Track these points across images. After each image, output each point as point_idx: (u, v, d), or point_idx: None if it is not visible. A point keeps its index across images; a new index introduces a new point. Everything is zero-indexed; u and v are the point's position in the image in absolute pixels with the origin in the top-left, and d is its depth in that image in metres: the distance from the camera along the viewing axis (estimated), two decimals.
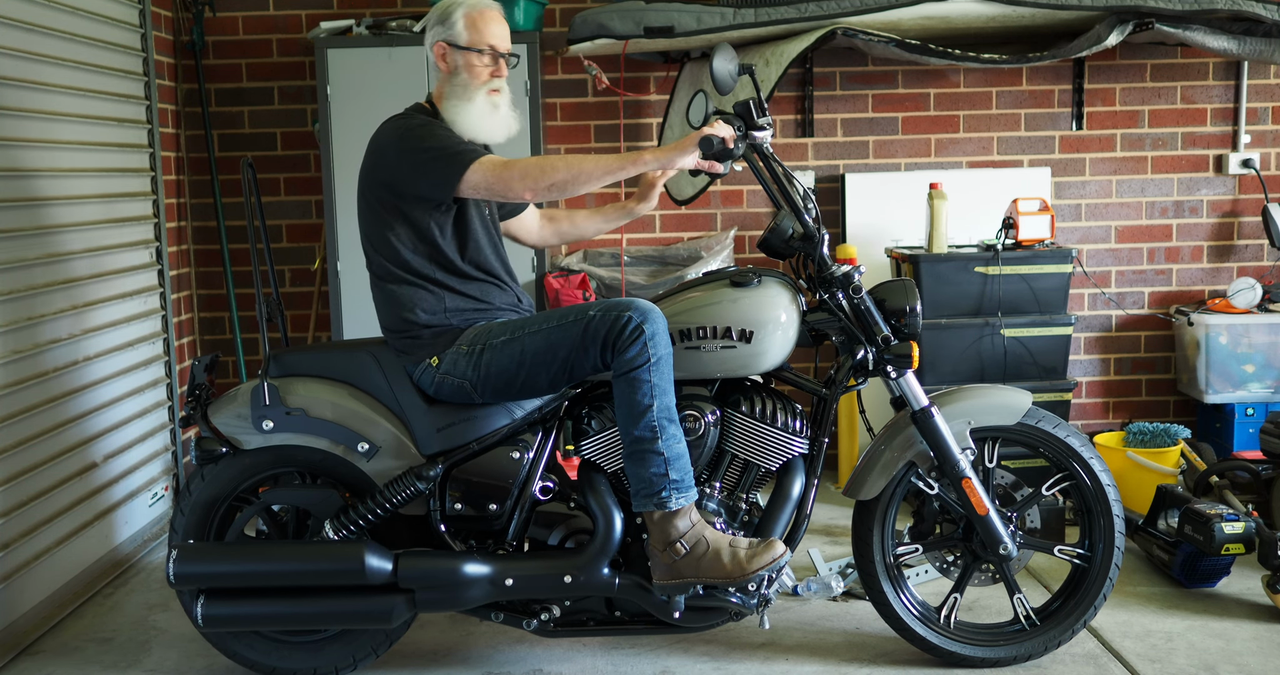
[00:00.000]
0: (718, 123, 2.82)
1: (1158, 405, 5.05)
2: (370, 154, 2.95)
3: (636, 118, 4.89)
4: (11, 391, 3.40)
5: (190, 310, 4.81)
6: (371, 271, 3.02)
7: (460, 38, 2.96)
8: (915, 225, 4.77)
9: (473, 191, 2.84)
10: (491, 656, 3.21)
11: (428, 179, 2.85)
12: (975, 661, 3.07)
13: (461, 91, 2.97)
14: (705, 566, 2.80)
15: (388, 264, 2.97)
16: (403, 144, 2.88)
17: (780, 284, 2.96)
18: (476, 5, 2.99)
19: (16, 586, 3.39)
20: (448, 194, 2.85)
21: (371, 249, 3.00)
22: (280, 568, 2.88)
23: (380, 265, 2.99)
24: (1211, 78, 4.91)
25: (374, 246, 2.99)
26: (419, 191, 2.88)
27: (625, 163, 2.82)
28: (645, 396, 2.75)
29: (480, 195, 2.86)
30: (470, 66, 2.96)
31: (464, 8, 2.98)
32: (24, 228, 3.51)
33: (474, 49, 2.96)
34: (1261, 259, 5.00)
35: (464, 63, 2.97)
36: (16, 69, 3.50)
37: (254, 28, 4.82)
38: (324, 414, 2.95)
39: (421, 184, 2.86)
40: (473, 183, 2.82)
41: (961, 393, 3.06)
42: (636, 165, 2.82)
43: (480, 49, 2.96)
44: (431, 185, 2.85)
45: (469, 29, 2.96)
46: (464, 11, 2.97)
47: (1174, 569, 3.60)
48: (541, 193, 2.80)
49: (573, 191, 2.82)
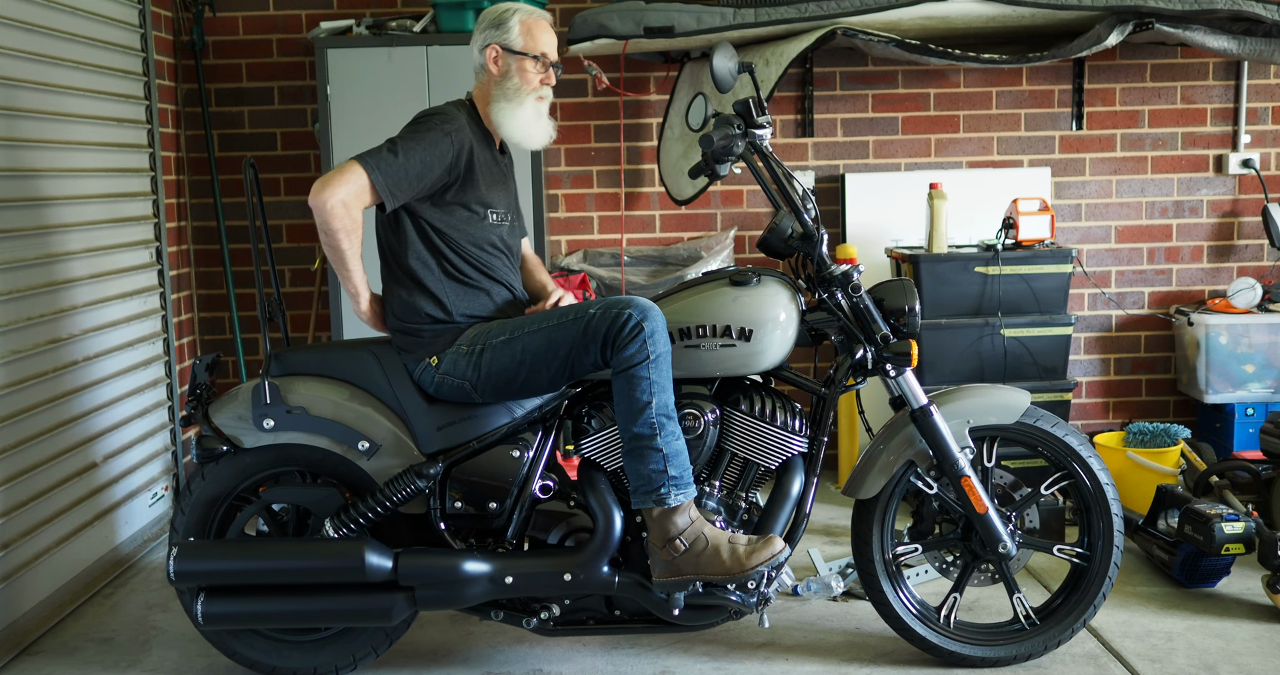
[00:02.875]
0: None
1: (1158, 405, 5.05)
2: None
3: (636, 118, 4.89)
4: (11, 391, 3.40)
5: (190, 310, 4.82)
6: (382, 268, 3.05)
7: (515, 43, 3.00)
8: (915, 225, 4.77)
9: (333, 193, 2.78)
10: (491, 656, 3.22)
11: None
12: (975, 661, 3.07)
13: (513, 94, 3.00)
14: (704, 563, 2.80)
15: (390, 263, 3.00)
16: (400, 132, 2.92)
17: (780, 283, 2.96)
18: (532, 13, 3.05)
19: (16, 586, 3.39)
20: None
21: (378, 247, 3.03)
22: (280, 565, 2.88)
23: (383, 264, 3.02)
24: (1211, 78, 4.91)
25: (379, 244, 3.02)
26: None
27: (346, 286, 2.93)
28: (644, 394, 2.76)
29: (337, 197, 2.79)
30: (523, 71, 3.00)
31: (520, 13, 3.03)
32: (24, 228, 3.51)
33: (529, 55, 3.00)
34: (1261, 259, 5.00)
35: (517, 67, 3.00)
36: (17, 69, 3.50)
37: (254, 28, 4.82)
38: (324, 413, 2.95)
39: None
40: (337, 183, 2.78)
41: (960, 392, 3.06)
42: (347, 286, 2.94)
43: (536, 55, 3.00)
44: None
45: (524, 35, 3.01)
46: (520, 18, 3.02)
47: (1174, 569, 3.60)
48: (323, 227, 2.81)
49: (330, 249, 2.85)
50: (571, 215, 4.93)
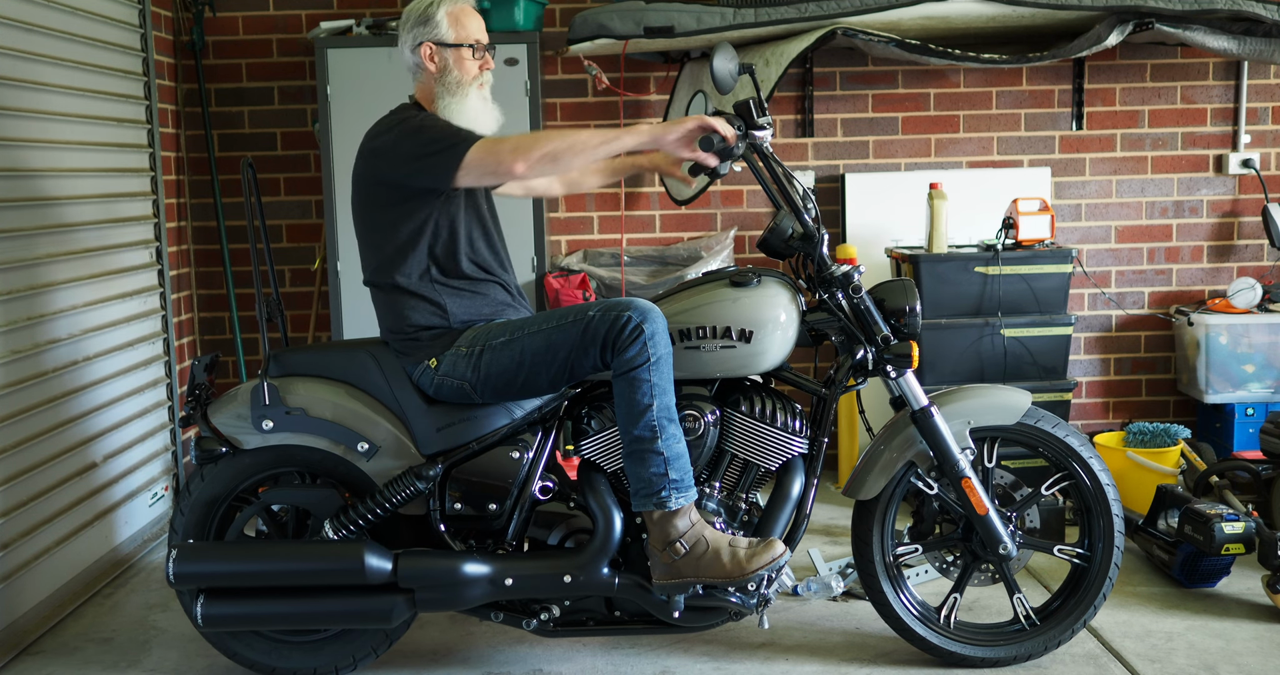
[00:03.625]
0: (719, 120, 2.82)
1: (1158, 405, 5.05)
2: (366, 154, 2.94)
3: (636, 118, 4.89)
4: (11, 391, 3.40)
5: (190, 310, 4.82)
6: (368, 275, 3.02)
7: (448, 36, 2.97)
8: (915, 225, 4.77)
9: (469, 172, 2.81)
10: (491, 656, 3.22)
11: (429, 167, 2.83)
12: (975, 661, 3.07)
13: (455, 88, 2.97)
14: (705, 566, 2.80)
15: (386, 266, 2.96)
16: (401, 138, 2.87)
17: (780, 284, 2.96)
18: (455, 1, 3.01)
19: (16, 586, 3.39)
20: (448, 179, 2.83)
21: (369, 252, 3.00)
22: (280, 567, 2.88)
23: (378, 268, 2.98)
24: (1211, 78, 4.91)
25: (371, 249, 2.99)
26: (421, 182, 2.87)
27: (620, 133, 2.81)
28: (645, 396, 2.75)
29: (475, 175, 2.83)
30: (461, 62, 2.98)
31: (444, 5, 2.99)
32: (24, 228, 3.51)
33: (463, 45, 2.98)
34: (1261, 259, 5.00)
35: (454, 60, 2.97)
36: (16, 69, 3.50)
37: (254, 28, 4.82)
38: (324, 414, 2.95)
39: (423, 174, 2.85)
40: (469, 164, 2.80)
41: (961, 392, 3.06)
42: (632, 135, 2.82)
43: (470, 44, 2.98)
44: (433, 173, 2.84)
45: (455, 26, 2.98)
46: (446, 9, 2.98)
47: (1174, 569, 3.60)
48: (534, 164, 2.78)
49: (566, 163, 2.81)
50: (571, 215, 4.93)
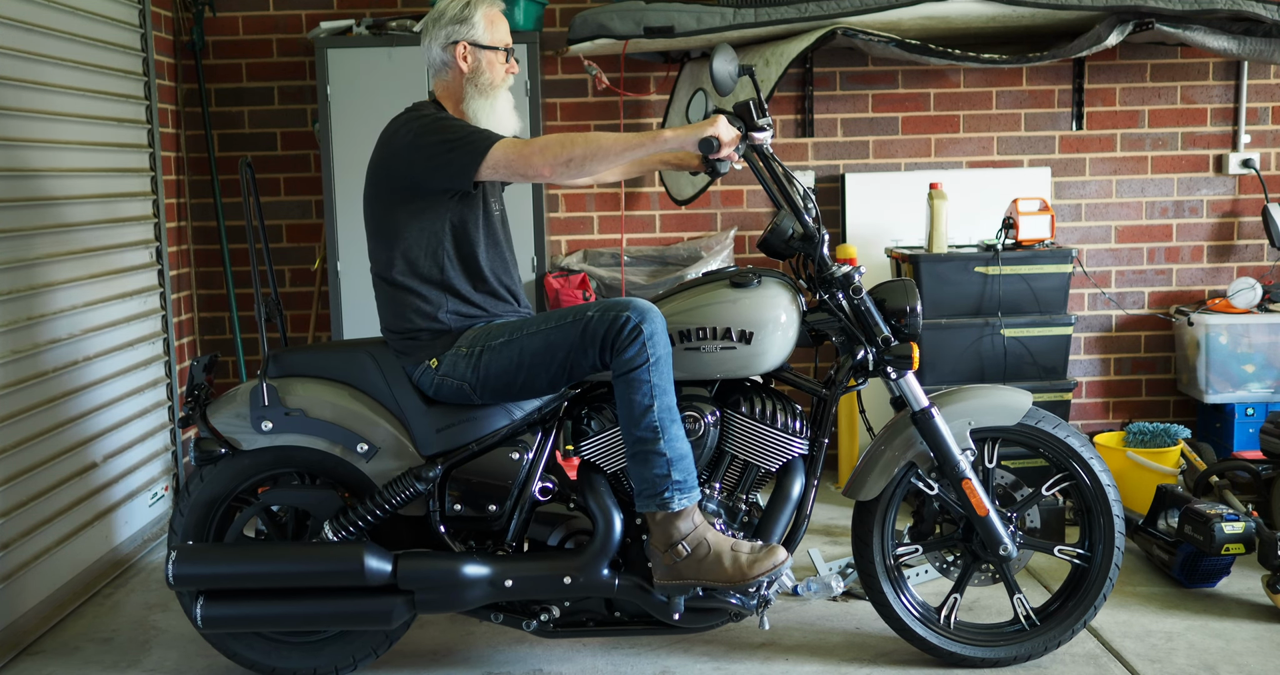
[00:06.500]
0: (720, 121, 2.81)
1: (1158, 405, 5.05)
2: (384, 151, 2.92)
3: (636, 118, 4.88)
4: (11, 391, 3.40)
5: (190, 310, 4.81)
6: (375, 272, 3.01)
7: (483, 37, 2.98)
8: (915, 225, 4.77)
9: (493, 171, 2.81)
10: (491, 656, 3.22)
11: (450, 166, 2.82)
12: (975, 662, 3.07)
13: (486, 89, 2.98)
14: (706, 569, 2.79)
15: (393, 264, 2.95)
16: (421, 136, 2.86)
17: (780, 284, 2.96)
18: (491, 4, 3.01)
19: (16, 586, 3.39)
20: (469, 178, 2.82)
21: (378, 248, 2.99)
22: (279, 569, 2.88)
23: (385, 265, 2.97)
24: (1211, 78, 4.91)
25: (381, 246, 2.98)
26: (439, 181, 2.86)
27: (644, 140, 2.80)
28: (645, 397, 2.75)
29: (500, 175, 2.83)
30: (493, 65, 2.98)
31: (481, 6, 2.99)
32: (24, 228, 3.51)
33: (496, 47, 2.98)
34: (1261, 259, 5.00)
35: (487, 62, 2.98)
36: (16, 69, 3.50)
37: (254, 28, 4.81)
38: (323, 414, 2.95)
39: (443, 172, 2.84)
40: (494, 162, 2.79)
41: (961, 393, 3.06)
42: (656, 143, 2.81)
43: (503, 47, 2.99)
44: (454, 172, 2.83)
45: (490, 28, 2.99)
46: (483, 11, 2.98)
47: (1174, 569, 3.60)
48: (560, 168, 2.78)
49: (592, 167, 2.80)
50: (571, 215, 4.93)
